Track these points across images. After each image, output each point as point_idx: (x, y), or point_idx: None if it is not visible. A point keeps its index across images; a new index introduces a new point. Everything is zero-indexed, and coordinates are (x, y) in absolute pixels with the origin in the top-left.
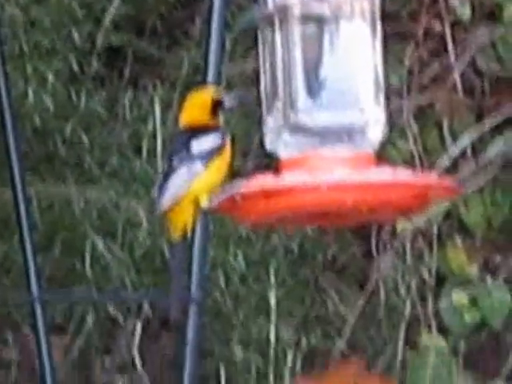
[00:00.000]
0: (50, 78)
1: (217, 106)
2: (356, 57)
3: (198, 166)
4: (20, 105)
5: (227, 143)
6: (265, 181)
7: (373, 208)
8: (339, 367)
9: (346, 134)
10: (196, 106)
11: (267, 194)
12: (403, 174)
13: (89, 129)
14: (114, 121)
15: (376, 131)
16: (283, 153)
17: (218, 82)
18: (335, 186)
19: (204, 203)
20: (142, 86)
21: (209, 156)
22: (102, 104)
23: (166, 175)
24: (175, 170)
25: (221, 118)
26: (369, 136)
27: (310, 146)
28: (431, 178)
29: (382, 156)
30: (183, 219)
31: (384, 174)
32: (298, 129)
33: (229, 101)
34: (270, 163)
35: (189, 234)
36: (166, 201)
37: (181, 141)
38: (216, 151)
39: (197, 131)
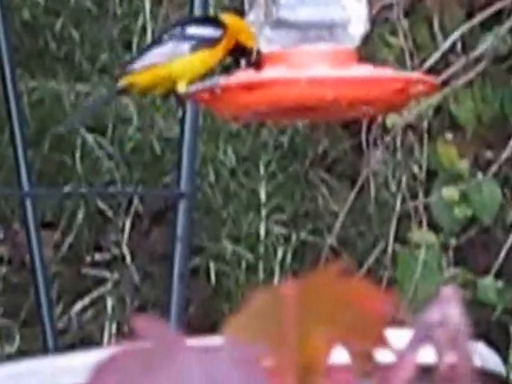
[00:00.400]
0: None
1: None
2: None
3: (185, 47)
4: None
5: (224, 41)
6: (245, 74)
7: (353, 103)
8: (325, 266)
9: (328, 29)
10: None
11: (246, 87)
12: (382, 70)
13: (79, 24)
14: (104, 16)
15: (357, 27)
16: (265, 48)
17: None
18: (315, 81)
19: (181, 88)
20: None
21: (200, 43)
22: None
23: (152, 43)
24: (162, 42)
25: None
26: (350, 32)
27: (292, 41)
28: (410, 73)
29: (372, 54)
30: (148, 90)
31: (364, 70)
32: (279, 24)
33: None
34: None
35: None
36: (140, 62)
37: (181, 21)
38: (209, 42)
39: (201, 19)
